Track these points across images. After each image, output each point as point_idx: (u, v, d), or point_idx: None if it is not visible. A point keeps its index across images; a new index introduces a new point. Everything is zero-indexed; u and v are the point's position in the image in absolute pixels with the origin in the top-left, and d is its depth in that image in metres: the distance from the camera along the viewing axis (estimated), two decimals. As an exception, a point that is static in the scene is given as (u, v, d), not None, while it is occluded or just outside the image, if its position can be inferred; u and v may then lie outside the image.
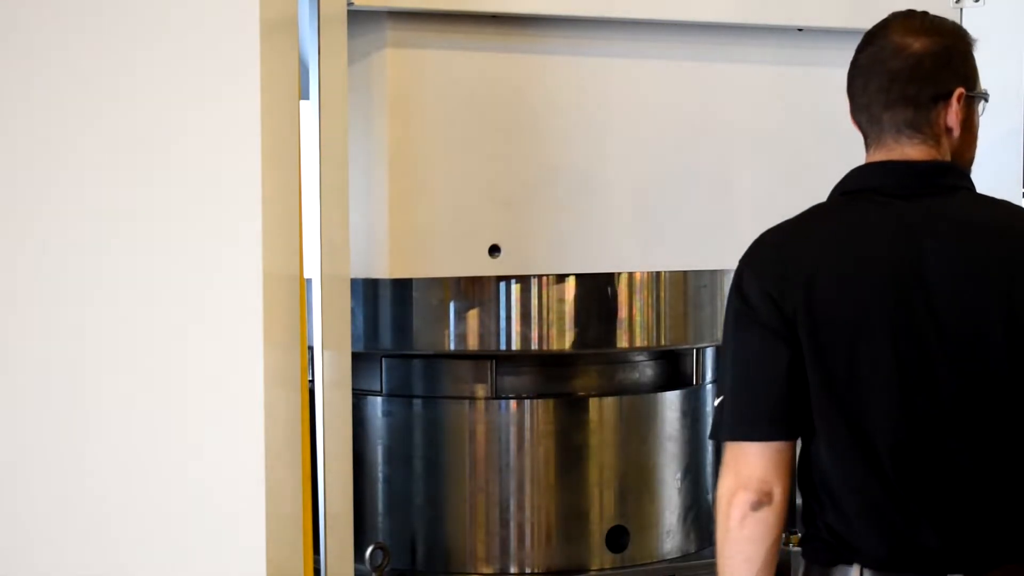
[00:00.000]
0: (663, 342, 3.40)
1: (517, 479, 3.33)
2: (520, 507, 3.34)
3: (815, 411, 2.50)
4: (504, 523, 3.34)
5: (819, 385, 2.49)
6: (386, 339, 3.32)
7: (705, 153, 3.32)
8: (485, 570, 3.34)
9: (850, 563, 2.53)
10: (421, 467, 3.37)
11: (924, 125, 2.55)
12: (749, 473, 2.51)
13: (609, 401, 3.39)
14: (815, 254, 2.51)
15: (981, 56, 3.65)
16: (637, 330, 3.36)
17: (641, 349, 3.42)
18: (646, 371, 3.48)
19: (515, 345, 3.28)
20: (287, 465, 2.73)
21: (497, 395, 3.34)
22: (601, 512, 3.38)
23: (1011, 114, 3.67)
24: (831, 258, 2.50)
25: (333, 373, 2.85)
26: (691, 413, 3.51)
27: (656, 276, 3.38)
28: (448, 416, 3.35)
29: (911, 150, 2.56)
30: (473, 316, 3.29)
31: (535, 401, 3.34)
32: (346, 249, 2.84)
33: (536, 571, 3.34)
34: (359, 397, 3.35)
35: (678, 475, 3.47)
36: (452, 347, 3.29)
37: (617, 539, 3.38)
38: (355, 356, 2.93)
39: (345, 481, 2.86)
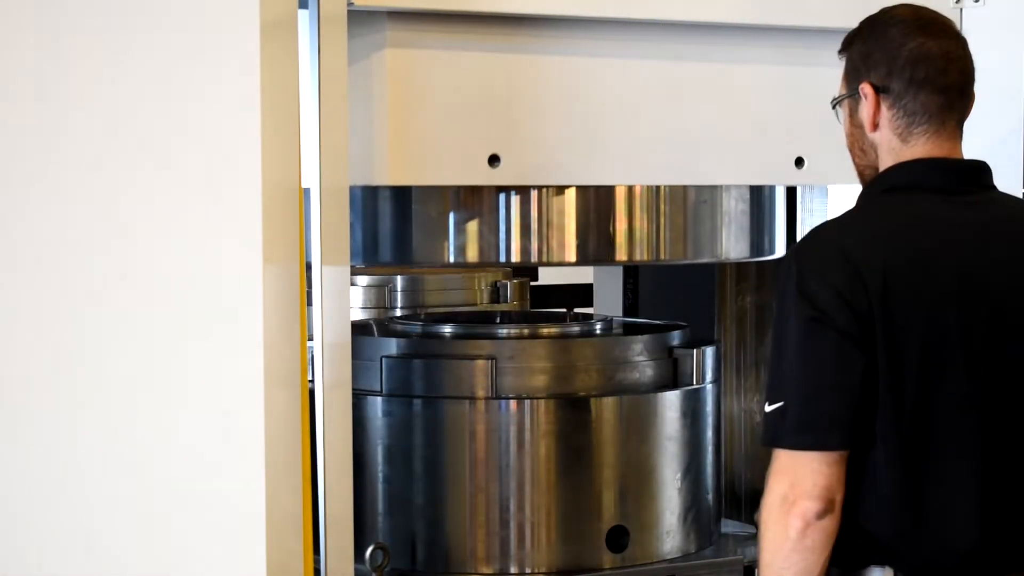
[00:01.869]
0: (663, 256, 3.40)
1: (517, 479, 3.33)
2: (520, 507, 3.33)
3: (882, 413, 2.50)
4: (504, 523, 3.33)
5: (889, 387, 2.49)
6: (386, 253, 3.32)
7: (707, 64, 3.32)
8: (485, 570, 3.34)
9: (882, 564, 2.54)
10: (421, 467, 3.37)
11: (961, 126, 2.67)
12: (815, 481, 2.49)
13: (609, 401, 3.39)
14: (883, 253, 2.51)
15: (981, 56, 3.65)
16: (637, 244, 3.36)
17: (640, 263, 3.41)
18: (646, 371, 3.48)
19: (515, 258, 3.29)
20: (287, 465, 2.74)
21: (497, 395, 3.34)
22: (601, 512, 3.37)
23: (1011, 114, 3.67)
24: (899, 256, 2.51)
25: (333, 372, 2.85)
26: (691, 413, 3.51)
27: (656, 190, 3.39)
28: (448, 416, 3.35)
29: (955, 149, 2.65)
30: (473, 228, 3.28)
31: (535, 401, 3.34)
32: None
33: (536, 571, 3.34)
34: (359, 397, 3.35)
35: (678, 475, 3.47)
36: (452, 259, 3.29)
37: (617, 539, 3.38)
38: (355, 355, 2.93)
39: (345, 481, 2.86)
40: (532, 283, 6.12)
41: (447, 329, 3.56)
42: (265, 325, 2.71)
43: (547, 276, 8.92)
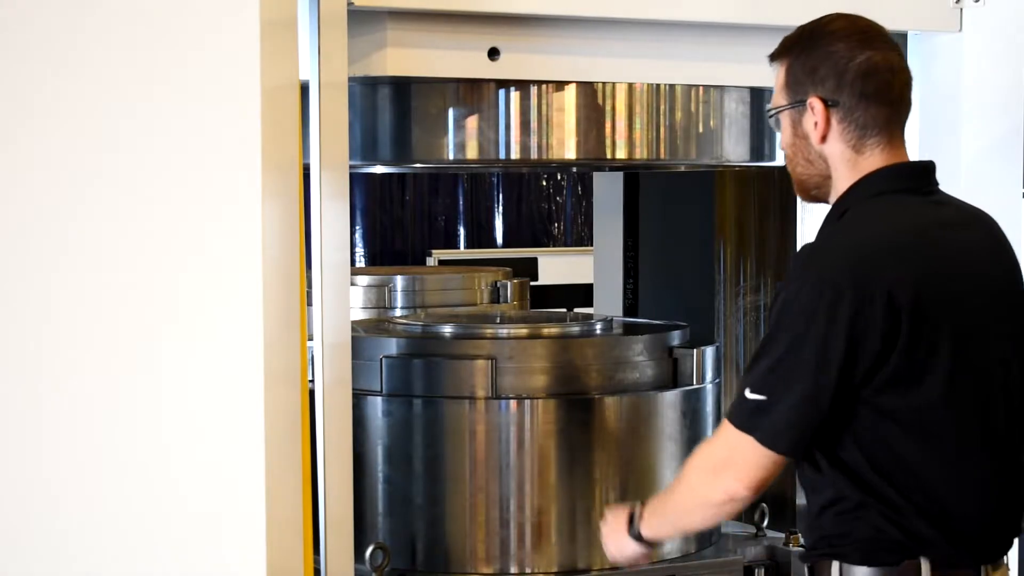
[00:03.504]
0: (663, 155, 3.39)
1: (517, 479, 3.33)
2: (520, 507, 3.33)
3: (924, 413, 2.56)
4: (504, 523, 3.33)
5: (918, 383, 2.56)
6: (385, 151, 3.31)
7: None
8: (485, 570, 3.34)
9: (915, 557, 2.59)
10: (421, 467, 3.37)
11: (904, 131, 2.78)
12: (763, 477, 2.61)
13: (609, 401, 3.39)
14: (905, 258, 2.59)
15: (981, 56, 3.66)
16: (636, 143, 3.36)
17: (640, 162, 3.40)
18: (646, 371, 3.48)
19: (515, 154, 3.29)
20: (287, 465, 2.74)
21: (497, 395, 3.34)
22: (601, 512, 3.37)
23: (1011, 114, 3.67)
24: (921, 260, 2.60)
25: (333, 372, 2.85)
26: (691, 413, 3.51)
27: (656, 88, 3.39)
28: (448, 416, 3.35)
29: (905, 154, 2.76)
30: (472, 124, 3.28)
31: (535, 401, 3.34)
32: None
33: (536, 571, 3.34)
34: (359, 397, 3.35)
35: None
36: (451, 156, 3.29)
37: (617, 539, 3.38)
38: (355, 355, 2.93)
39: (345, 481, 2.86)
40: (532, 283, 6.12)
41: (447, 329, 3.56)
42: (265, 325, 2.71)
43: (547, 276, 8.93)
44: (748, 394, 2.59)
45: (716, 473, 2.63)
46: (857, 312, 2.52)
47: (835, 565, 2.64)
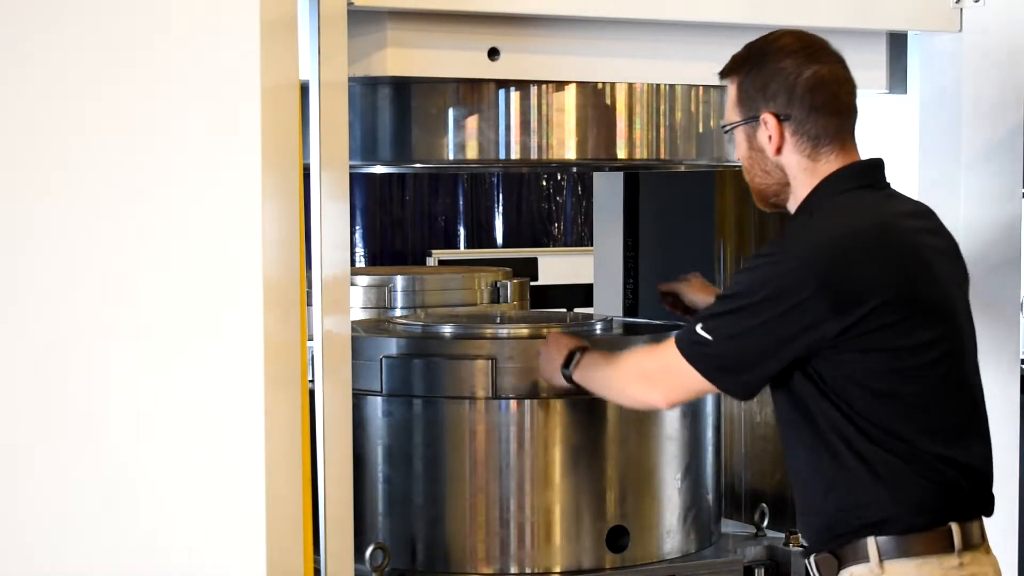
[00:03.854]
0: (663, 155, 3.40)
1: (517, 479, 3.33)
2: (520, 507, 3.33)
3: (917, 389, 2.78)
4: (504, 523, 3.33)
5: (913, 359, 2.77)
6: (385, 151, 3.31)
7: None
8: (485, 570, 3.34)
9: (946, 522, 2.80)
10: (421, 467, 3.37)
11: (855, 135, 2.99)
12: (684, 399, 3.08)
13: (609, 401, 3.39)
14: (871, 248, 2.79)
15: (981, 56, 3.66)
16: (637, 142, 3.37)
17: (640, 162, 3.41)
18: (646, 371, 3.48)
19: (515, 154, 3.29)
20: (287, 465, 2.74)
21: (497, 395, 3.34)
22: (601, 512, 3.37)
23: (1011, 114, 3.67)
24: (883, 250, 2.79)
25: (333, 372, 2.85)
26: (691, 413, 3.51)
27: (656, 88, 3.39)
28: (448, 416, 3.35)
29: (858, 155, 2.95)
30: (472, 124, 3.28)
31: (535, 401, 3.34)
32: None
33: (536, 571, 3.34)
34: (359, 397, 3.35)
35: (678, 475, 3.47)
36: (451, 156, 3.29)
37: (617, 539, 3.38)
38: (355, 355, 2.93)
39: (345, 481, 2.86)
40: (532, 283, 6.12)
41: (447, 329, 3.56)
42: (265, 325, 2.71)
43: (547, 276, 8.93)
44: (699, 329, 2.82)
45: (648, 381, 2.97)
46: (820, 298, 2.72)
47: (870, 540, 2.77)
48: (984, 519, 2.90)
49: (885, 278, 2.74)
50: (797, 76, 2.86)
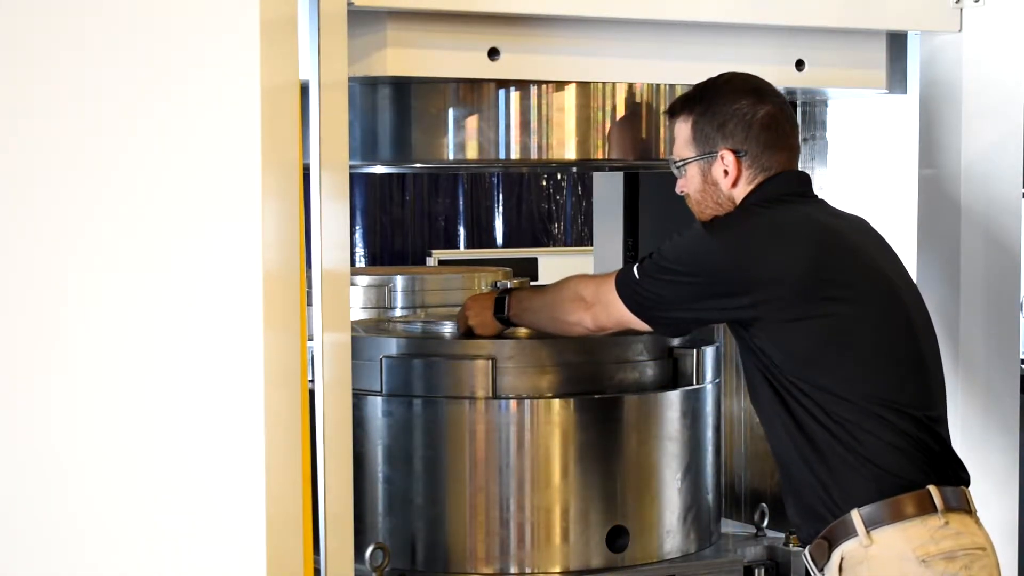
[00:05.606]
0: (663, 155, 3.40)
1: (517, 479, 3.33)
2: (520, 507, 3.34)
3: (878, 372, 2.98)
4: (504, 523, 3.34)
5: (873, 347, 2.99)
6: (385, 151, 3.32)
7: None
8: (485, 570, 3.34)
9: (923, 485, 2.93)
10: (421, 467, 3.37)
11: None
12: (610, 327, 3.22)
13: (609, 401, 3.39)
14: (804, 233, 3.05)
15: (981, 56, 3.66)
16: (637, 142, 3.39)
17: (639, 162, 3.42)
18: (646, 371, 3.48)
19: (514, 154, 3.30)
20: (287, 465, 2.73)
21: (497, 395, 3.34)
22: (601, 512, 3.37)
23: (1011, 114, 3.67)
24: (816, 234, 3.05)
25: (333, 372, 2.85)
26: (691, 413, 3.51)
27: (656, 88, 3.40)
28: (448, 416, 3.35)
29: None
30: (472, 124, 3.29)
31: (535, 401, 3.34)
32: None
33: (536, 571, 3.35)
34: (359, 397, 3.35)
35: (678, 475, 3.47)
36: (451, 156, 3.30)
37: (617, 539, 3.38)
38: (355, 355, 2.93)
39: (345, 481, 2.85)
40: (532, 283, 6.12)
41: (447, 329, 3.57)
42: (265, 325, 2.71)
43: (547, 276, 8.93)
44: (635, 272, 3.13)
45: (582, 303, 3.21)
46: (733, 276, 3.00)
47: (855, 513, 2.90)
48: (978, 515, 2.92)
49: (801, 252, 2.99)
50: (753, 115, 3.11)
